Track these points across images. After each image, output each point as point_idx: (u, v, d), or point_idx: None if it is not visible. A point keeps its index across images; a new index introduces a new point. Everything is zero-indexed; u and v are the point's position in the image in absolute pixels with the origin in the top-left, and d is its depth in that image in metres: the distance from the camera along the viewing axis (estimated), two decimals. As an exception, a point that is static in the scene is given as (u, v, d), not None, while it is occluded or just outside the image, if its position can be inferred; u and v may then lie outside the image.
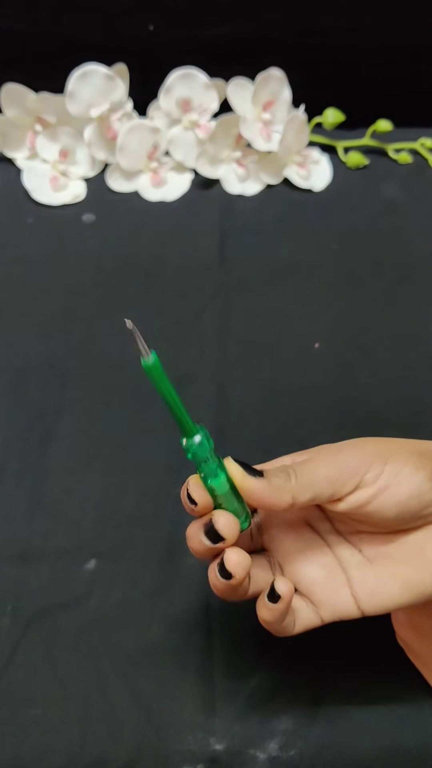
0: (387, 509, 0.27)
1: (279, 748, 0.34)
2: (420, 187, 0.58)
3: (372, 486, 0.27)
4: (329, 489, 0.27)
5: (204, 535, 0.27)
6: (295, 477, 0.27)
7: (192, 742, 0.34)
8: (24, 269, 0.53)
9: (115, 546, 0.40)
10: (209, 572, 0.28)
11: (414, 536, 0.28)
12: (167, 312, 0.51)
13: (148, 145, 0.56)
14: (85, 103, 0.54)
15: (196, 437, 0.26)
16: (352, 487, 0.27)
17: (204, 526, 0.27)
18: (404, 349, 0.49)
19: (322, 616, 0.29)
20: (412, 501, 0.27)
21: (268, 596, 0.27)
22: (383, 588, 0.28)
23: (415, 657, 0.34)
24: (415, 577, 0.27)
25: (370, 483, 0.27)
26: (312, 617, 0.29)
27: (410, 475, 0.27)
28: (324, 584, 0.29)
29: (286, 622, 0.28)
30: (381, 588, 0.28)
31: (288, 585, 0.27)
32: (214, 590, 0.28)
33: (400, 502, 0.27)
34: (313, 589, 0.29)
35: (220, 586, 0.27)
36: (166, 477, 0.43)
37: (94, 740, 0.34)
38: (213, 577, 0.27)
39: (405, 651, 0.35)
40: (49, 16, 0.55)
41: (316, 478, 0.27)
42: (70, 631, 0.37)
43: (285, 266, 0.53)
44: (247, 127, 0.55)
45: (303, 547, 0.30)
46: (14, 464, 0.43)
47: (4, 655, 0.37)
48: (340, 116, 0.58)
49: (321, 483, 0.27)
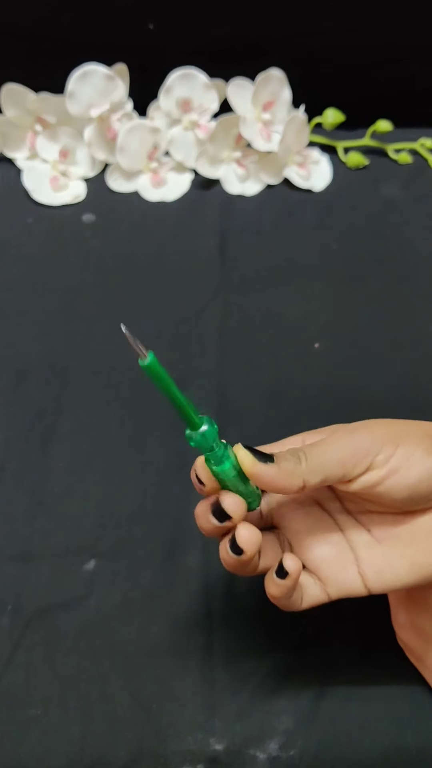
0: (397, 491, 0.27)
1: (279, 748, 0.34)
2: (420, 188, 0.58)
3: (383, 468, 0.27)
4: (340, 471, 0.27)
5: (211, 515, 0.27)
6: (305, 460, 0.27)
7: (192, 742, 0.34)
8: (24, 269, 0.53)
9: (115, 546, 0.40)
10: (220, 548, 0.28)
11: (423, 518, 0.28)
12: (167, 312, 0.51)
13: (148, 146, 0.56)
14: (85, 103, 0.54)
15: (202, 428, 0.27)
16: (363, 468, 0.27)
17: (211, 506, 0.27)
18: (404, 349, 0.49)
19: (329, 593, 0.29)
20: (422, 484, 0.27)
21: (276, 572, 0.27)
22: (390, 568, 0.28)
23: (415, 658, 0.34)
24: (423, 559, 0.28)
25: (381, 465, 0.27)
26: (319, 594, 0.29)
27: (421, 458, 0.27)
28: (332, 562, 0.29)
29: (294, 598, 0.28)
30: (388, 567, 0.28)
31: (296, 562, 0.27)
32: (225, 565, 0.28)
33: (410, 485, 0.27)
34: (321, 567, 0.29)
35: (231, 561, 0.28)
36: (166, 477, 0.43)
37: (94, 740, 0.34)
38: (224, 553, 0.28)
39: (405, 652, 0.35)
40: (48, 15, 0.55)
41: (327, 460, 0.27)
42: (70, 631, 0.37)
43: (285, 266, 0.53)
44: (247, 128, 0.55)
45: (312, 526, 0.30)
46: (14, 464, 0.43)
47: (3, 655, 0.37)
48: (340, 116, 0.58)
49: (332, 465, 0.27)
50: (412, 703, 0.35)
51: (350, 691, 0.35)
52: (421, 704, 0.35)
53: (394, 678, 0.36)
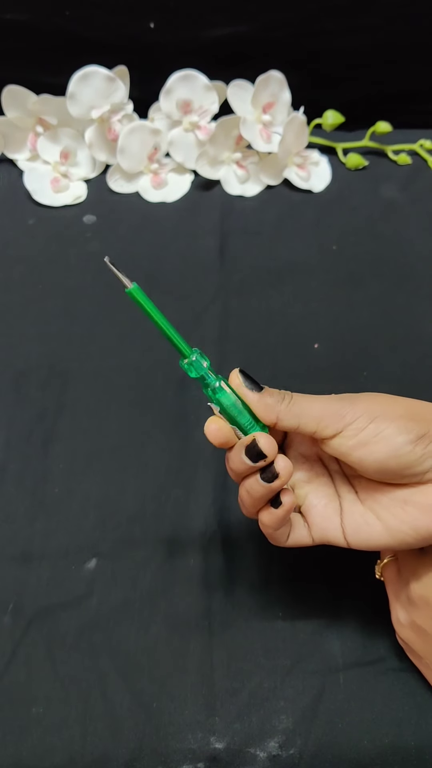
0: (367, 464, 0.29)
1: (279, 746, 0.34)
2: (419, 188, 0.59)
3: (352, 439, 0.29)
4: (313, 425, 0.30)
5: (245, 455, 0.29)
6: (288, 403, 0.30)
7: (192, 741, 0.35)
8: (25, 270, 0.53)
9: (115, 546, 0.40)
10: (244, 487, 0.30)
11: (401, 491, 0.30)
12: (168, 312, 0.50)
13: (149, 147, 0.57)
14: (86, 104, 0.54)
15: (193, 357, 0.30)
16: (333, 432, 0.29)
17: (245, 446, 0.29)
18: (404, 349, 0.49)
19: (313, 537, 0.32)
20: (390, 461, 0.29)
21: (271, 502, 0.30)
22: (367, 527, 0.30)
23: (415, 658, 0.34)
24: (396, 525, 0.30)
25: (351, 436, 0.29)
26: (305, 535, 0.32)
27: (391, 436, 0.29)
28: (321, 510, 0.32)
29: (281, 532, 0.31)
30: (365, 526, 0.30)
31: (291, 496, 0.30)
32: (245, 502, 0.31)
33: (378, 460, 0.29)
34: (311, 512, 0.32)
35: (260, 490, 0.30)
36: (166, 477, 0.43)
37: (95, 739, 0.34)
38: (253, 484, 0.30)
39: (405, 651, 0.35)
40: (49, 17, 0.56)
41: (306, 412, 0.30)
42: (70, 630, 0.37)
43: (285, 267, 0.53)
44: (247, 129, 0.55)
45: (311, 477, 0.33)
46: (15, 464, 0.43)
47: (5, 655, 0.37)
48: (340, 118, 0.58)
49: (307, 418, 0.30)
50: (412, 703, 0.35)
51: (350, 690, 0.36)
52: (421, 704, 0.35)
53: (393, 678, 0.36)
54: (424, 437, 0.28)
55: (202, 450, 0.43)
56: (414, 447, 0.28)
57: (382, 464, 0.29)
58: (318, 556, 0.39)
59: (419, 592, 0.32)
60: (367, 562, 0.37)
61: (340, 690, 0.36)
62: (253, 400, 0.30)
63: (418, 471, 0.29)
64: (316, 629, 0.37)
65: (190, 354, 0.30)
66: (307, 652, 0.37)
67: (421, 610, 0.32)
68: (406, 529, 0.29)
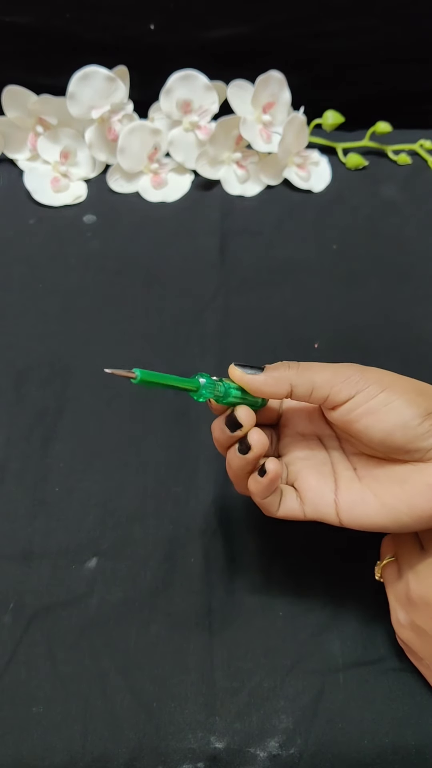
0: (373, 433, 0.29)
1: (279, 746, 0.34)
2: (419, 188, 0.59)
3: (363, 405, 0.29)
4: (326, 389, 0.30)
5: (225, 424, 0.31)
6: (297, 369, 0.30)
7: (192, 741, 0.34)
8: (25, 270, 0.53)
9: (115, 545, 0.40)
10: (228, 457, 0.32)
11: (402, 468, 0.30)
12: (168, 312, 0.51)
13: (149, 147, 0.57)
14: (86, 104, 0.54)
15: (201, 381, 0.30)
16: (347, 396, 0.30)
17: (226, 417, 0.31)
18: (404, 349, 0.49)
19: (305, 512, 0.32)
20: (396, 432, 0.29)
21: (258, 471, 0.31)
22: (363, 503, 0.30)
23: (415, 658, 0.34)
24: (393, 503, 0.30)
25: (362, 402, 0.29)
26: (296, 508, 0.32)
27: (401, 407, 0.29)
28: (314, 486, 0.32)
29: (271, 500, 0.32)
30: (361, 503, 0.30)
31: (276, 465, 0.30)
32: (229, 471, 0.32)
33: (384, 429, 0.29)
34: (303, 486, 0.32)
35: (238, 461, 0.31)
36: (166, 476, 0.43)
37: (95, 738, 0.34)
38: (232, 456, 0.31)
39: (405, 652, 0.35)
40: (49, 17, 0.56)
41: (317, 376, 0.30)
42: (71, 629, 0.37)
43: (285, 266, 0.53)
44: (247, 129, 0.55)
45: (308, 455, 0.34)
46: (15, 463, 0.43)
47: (5, 654, 0.37)
48: (340, 118, 0.58)
49: (320, 381, 0.30)
50: (412, 703, 0.35)
51: (350, 690, 0.36)
52: (421, 704, 0.35)
53: (393, 678, 0.36)
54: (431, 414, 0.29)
55: (203, 447, 0.43)
56: (422, 421, 0.29)
57: (388, 435, 0.29)
58: (318, 555, 0.39)
59: (419, 593, 0.32)
60: (367, 562, 0.37)
61: (340, 690, 0.36)
62: (261, 380, 0.30)
63: (421, 447, 0.29)
64: (317, 629, 0.37)
65: (199, 386, 0.30)
66: (307, 652, 0.37)
67: (420, 610, 0.32)
68: (403, 507, 0.29)
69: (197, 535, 0.40)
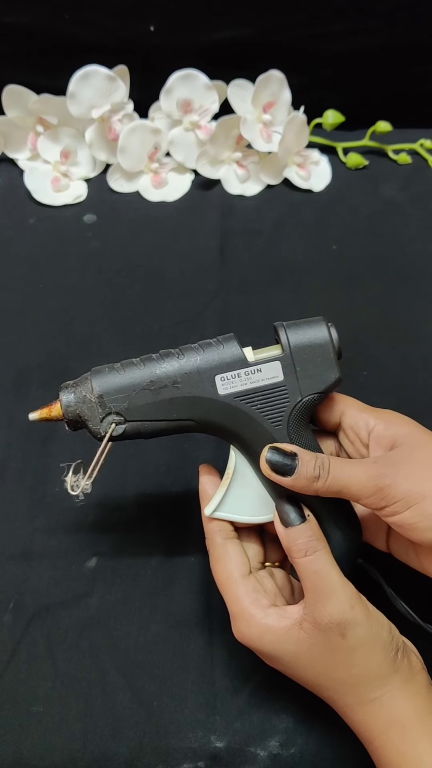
0: (414, 538, 0.30)
1: (280, 745, 0.34)
2: (419, 188, 0.59)
3: (392, 517, 0.29)
4: (354, 498, 0.30)
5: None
6: (325, 478, 0.30)
7: (193, 740, 0.35)
8: (26, 269, 0.53)
9: (116, 544, 0.40)
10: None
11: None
12: (168, 312, 0.51)
13: (149, 146, 0.57)
14: (86, 104, 0.54)
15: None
16: (376, 508, 0.30)
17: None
18: (404, 349, 0.49)
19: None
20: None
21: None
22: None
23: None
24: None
25: (390, 515, 0.29)
26: None
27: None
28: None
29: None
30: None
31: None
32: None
33: (421, 539, 0.29)
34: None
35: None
36: (166, 476, 0.43)
37: (95, 737, 0.35)
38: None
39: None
40: (50, 17, 0.56)
41: (347, 486, 0.30)
42: (71, 628, 0.37)
43: (285, 266, 0.53)
44: (247, 128, 0.55)
45: None
46: (16, 463, 0.43)
47: (6, 653, 0.37)
48: (340, 117, 0.58)
49: (348, 493, 0.30)
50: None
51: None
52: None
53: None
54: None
55: (203, 448, 0.43)
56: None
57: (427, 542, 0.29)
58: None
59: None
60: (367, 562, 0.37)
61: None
62: (288, 483, 0.30)
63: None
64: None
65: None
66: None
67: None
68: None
69: (197, 534, 0.40)
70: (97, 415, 0.32)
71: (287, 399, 0.32)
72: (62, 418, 0.33)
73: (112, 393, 0.32)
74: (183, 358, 0.32)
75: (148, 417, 0.32)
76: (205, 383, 0.32)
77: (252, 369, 0.32)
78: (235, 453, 0.33)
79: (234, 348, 0.33)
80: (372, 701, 0.29)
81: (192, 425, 0.32)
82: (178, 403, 0.32)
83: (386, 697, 0.29)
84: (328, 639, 0.29)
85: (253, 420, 0.32)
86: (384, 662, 0.29)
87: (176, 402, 0.32)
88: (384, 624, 0.30)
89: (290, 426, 0.32)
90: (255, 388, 0.32)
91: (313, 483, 0.30)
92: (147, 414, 0.32)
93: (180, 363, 0.32)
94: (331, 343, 0.33)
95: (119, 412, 0.32)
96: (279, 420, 0.32)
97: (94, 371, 0.33)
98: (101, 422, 0.32)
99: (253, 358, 0.33)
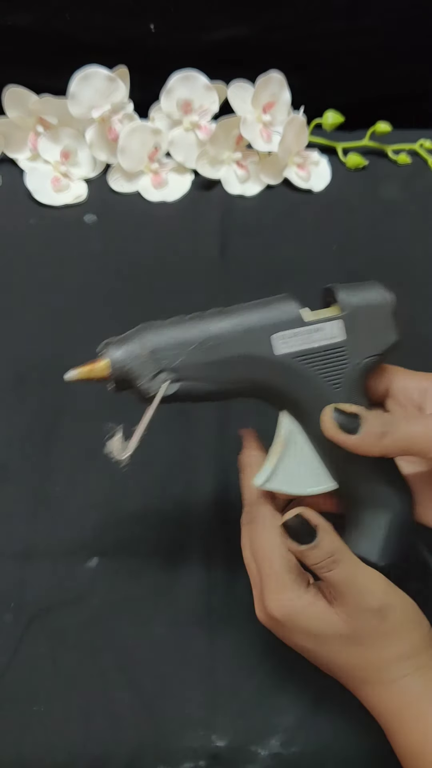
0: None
1: (281, 744, 0.34)
2: (419, 188, 0.59)
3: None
4: (423, 451, 0.29)
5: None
6: (390, 434, 0.29)
7: (194, 739, 0.35)
8: (26, 269, 0.53)
9: (116, 544, 0.40)
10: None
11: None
12: (168, 312, 0.50)
13: (149, 147, 0.57)
14: (86, 104, 0.54)
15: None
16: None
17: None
18: (404, 349, 0.49)
19: None
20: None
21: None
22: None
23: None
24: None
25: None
26: None
27: None
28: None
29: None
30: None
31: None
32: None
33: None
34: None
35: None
36: (167, 476, 0.43)
37: (96, 737, 0.35)
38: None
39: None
40: (50, 17, 0.56)
41: (412, 441, 0.29)
42: (72, 628, 0.38)
43: (285, 266, 0.53)
44: (247, 129, 0.56)
45: None
46: (17, 463, 0.43)
47: (7, 652, 0.37)
48: (340, 118, 0.58)
49: (416, 448, 0.29)
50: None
51: (351, 688, 0.36)
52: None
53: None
54: None
55: (204, 448, 0.43)
56: None
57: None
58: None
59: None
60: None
61: (342, 688, 0.36)
62: (352, 443, 0.29)
63: None
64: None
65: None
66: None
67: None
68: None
69: (198, 534, 0.40)
70: (149, 373, 0.30)
71: (346, 360, 0.31)
72: (107, 377, 0.30)
73: (167, 348, 0.30)
74: (238, 316, 0.31)
75: (201, 376, 0.30)
76: (262, 342, 0.30)
77: (312, 328, 0.31)
78: (289, 420, 0.32)
79: (292, 307, 0.31)
80: (404, 677, 0.29)
81: (245, 388, 0.31)
82: (233, 363, 0.30)
83: (419, 673, 0.29)
84: (368, 623, 0.29)
85: (311, 381, 0.30)
86: (420, 639, 0.29)
87: (231, 361, 0.30)
88: (412, 602, 0.30)
89: (349, 388, 0.31)
90: (314, 348, 0.30)
91: (381, 440, 0.29)
92: (200, 373, 0.30)
93: (235, 321, 0.31)
94: (391, 304, 0.32)
95: (173, 369, 0.30)
96: (338, 382, 0.31)
97: (144, 326, 0.31)
98: (152, 380, 0.30)
99: (311, 317, 0.31)
